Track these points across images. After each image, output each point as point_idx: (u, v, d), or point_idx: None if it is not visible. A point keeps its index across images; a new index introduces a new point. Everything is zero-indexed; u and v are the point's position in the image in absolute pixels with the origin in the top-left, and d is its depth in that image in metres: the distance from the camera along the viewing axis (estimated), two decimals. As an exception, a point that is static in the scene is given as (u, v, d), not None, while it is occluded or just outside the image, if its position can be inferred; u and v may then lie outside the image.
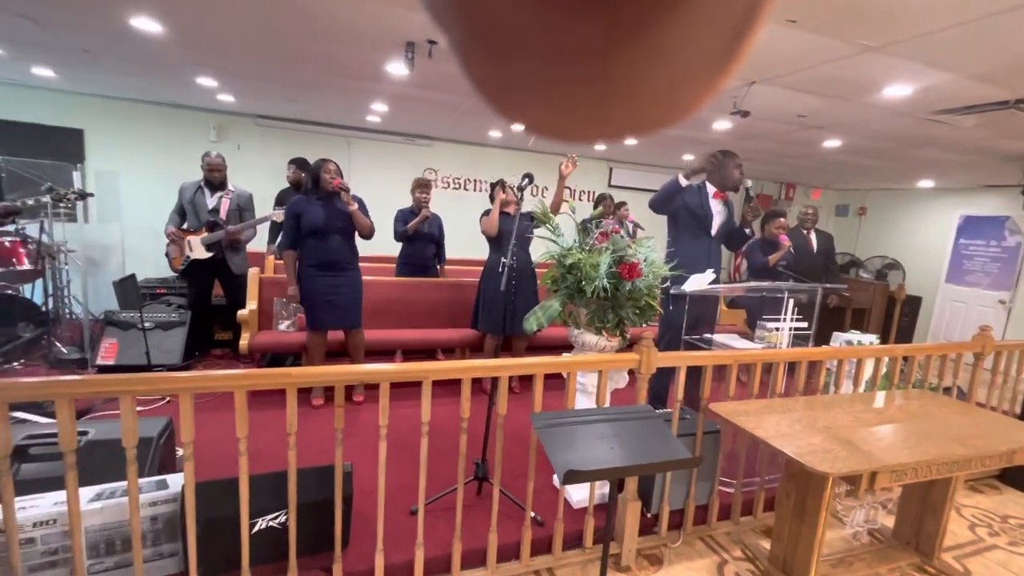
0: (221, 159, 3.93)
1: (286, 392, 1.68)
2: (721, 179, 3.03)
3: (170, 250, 3.91)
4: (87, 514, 1.66)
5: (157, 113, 5.31)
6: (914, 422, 2.19)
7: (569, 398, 2.07)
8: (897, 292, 6.43)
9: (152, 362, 3.61)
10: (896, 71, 2.54)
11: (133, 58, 3.47)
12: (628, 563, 2.22)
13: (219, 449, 2.66)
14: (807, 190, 8.66)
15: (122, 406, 1.48)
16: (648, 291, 2.25)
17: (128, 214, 5.25)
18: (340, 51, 3.02)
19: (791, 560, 2.14)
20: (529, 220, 3.26)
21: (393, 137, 6.08)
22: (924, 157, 4.90)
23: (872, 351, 2.73)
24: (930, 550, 2.34)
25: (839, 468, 1.73)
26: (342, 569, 1.84)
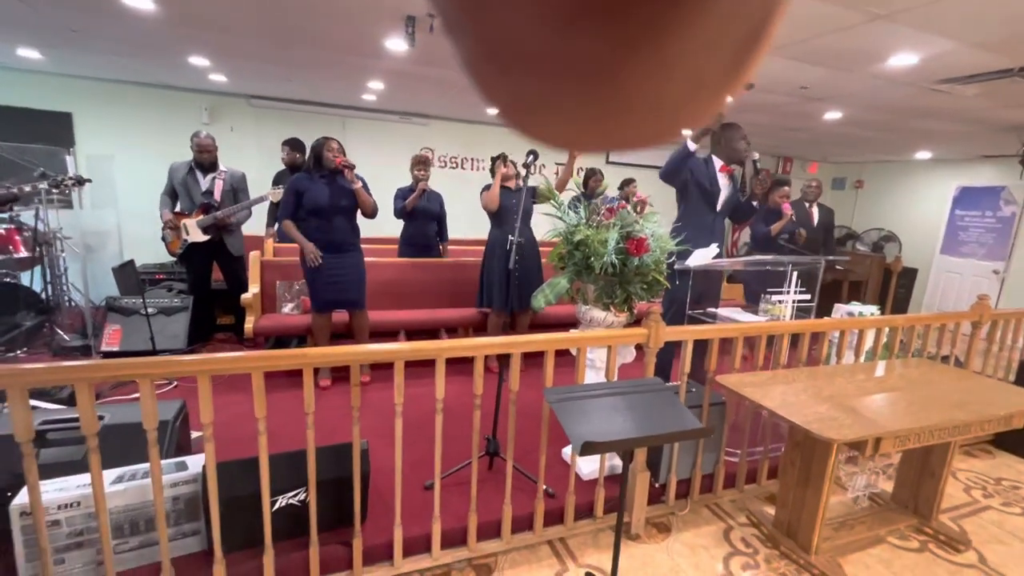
0: (211, 140, 3.86)
1: (302, 373, 1.69)
2: (727, 153, 3.02)
3: (166, 234, 3.87)
4: (110, 496, 1.68)
5: (147, 95, 5.19)
6: (915, 390, 2.24)
7: (579, 373, 2.10)
8: (893, 264, 6.49)
9: (157, 347, 3.61)
10: (903, 40, 2.51)
11: (123, 37, 3.38)
12: (638, 531, 2.28)
13: (231, 431, 2.69)
14: (804, 164, 8.64)
15: (142, 389, 1.49)
16: (655, 266, 2.27)
17: (122, 199, 5.18)
18: (337, 27, 2.95)
19: (796, 524, 2.21)
20: (533, 196, 3.25)
21: (389, 116, 5.99)
22: (923, 128, 4.89)
23: (874, 322, 2.78)
24: (928, 512, 2.43)
25: (845, 435, 1.78)
26: (362, 543, 1.88)
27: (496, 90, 0.17)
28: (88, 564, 1.72)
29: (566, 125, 0.17)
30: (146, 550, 1.80)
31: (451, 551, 2.04)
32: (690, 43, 0.14)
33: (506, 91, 0.17)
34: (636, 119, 0.16)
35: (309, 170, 3.16)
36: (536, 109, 0.17)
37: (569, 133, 0.18)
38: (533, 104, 0.17)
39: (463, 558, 2.04)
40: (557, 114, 0.17)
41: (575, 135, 0.18)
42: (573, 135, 0.18)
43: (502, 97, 0.17)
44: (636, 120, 0.16)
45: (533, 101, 0.17)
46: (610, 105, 0.16)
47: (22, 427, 1.40)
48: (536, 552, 2.13)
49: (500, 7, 0.14)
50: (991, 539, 2.39)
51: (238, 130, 5.55)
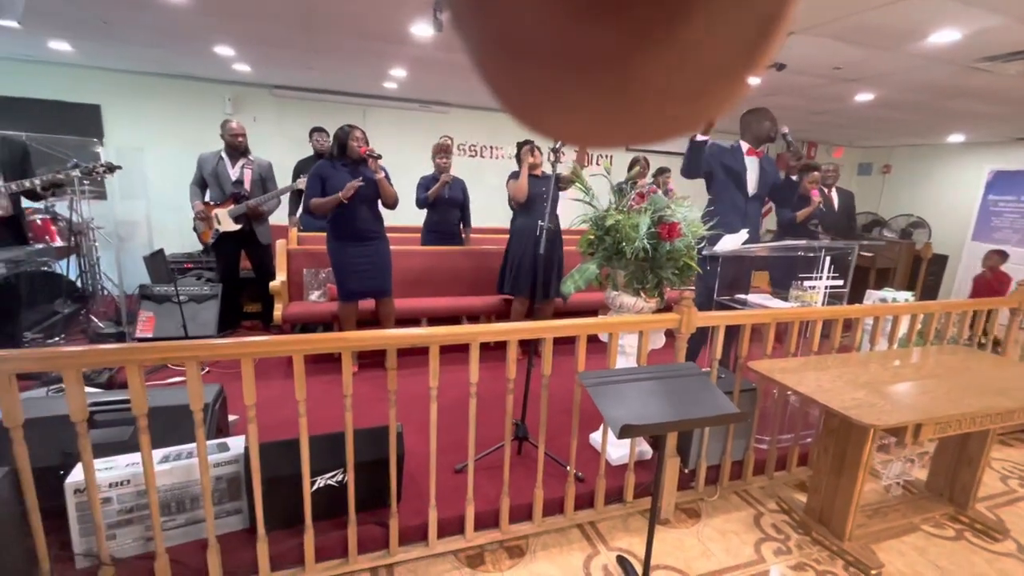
0: (242, 126, 3.91)
1: (326, 358, 1.72)
2: (754, 135, 2.98)
3: (198, 225, 3.94)
4: (158, 475, 1.73)
5: (173, 86, 5.26)
6: (953, 377, 2.19)
7: (611, 358, 2.09)
8: (923, 250, 6.32)
9: (189, 334, 3.69)
10: (945, 15, 2.42)
11: (153, 28, 3.42)
12: (668, 516, 2.29)
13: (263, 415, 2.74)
14: (829, 148, 8.43)
15: (188, 371, 1.53)
16: (687, 251, 2.24)
17: (151, 189, 5.28)
18: (364, 10, 2.94)
19: (828, 511, 2.19)
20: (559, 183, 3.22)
21: (409, 104, 5.98)
22: (958, 109, 4.73)
23: (909, 308, 2.72)
24: (964, 501, 2.39)
25: (884, 420, 1.76)
26: (398, 523, 1.92)
27: (505, 84, 0.17)
28: (138, 540, 1.78)
29: (577, 119, 0.17)
30: (191, 527, 1.86)
31: (484, 533, 2.07)
32: (702, 31, 0.13)
33: (515, 85, 0.17)
34: (649, 111, 0.16)
35: (332, 158, 3.17)
36: (546, 103, 0.17)
37: (581, 127, 0.17)
38: (543, 98, 0.16)
39: (495, 540, 2.07)
40: (568, 108, 0.16)
41: (587, 129, 0.17)
42: (585, 129, 0.17)
43: (511, 92, 0.17)
44: (649, 112, 0.16)
45: (543, 95, 0.16)
46: (622, 98, 0.15)
47: (77, 407, 1.45)
48: (567, 535, 2.15)
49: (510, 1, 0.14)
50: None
51: (261, 120, 5.60)
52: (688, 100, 0.16)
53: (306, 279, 3.80)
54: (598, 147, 0.19)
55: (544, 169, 3.52)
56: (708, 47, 0.14)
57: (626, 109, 0.16)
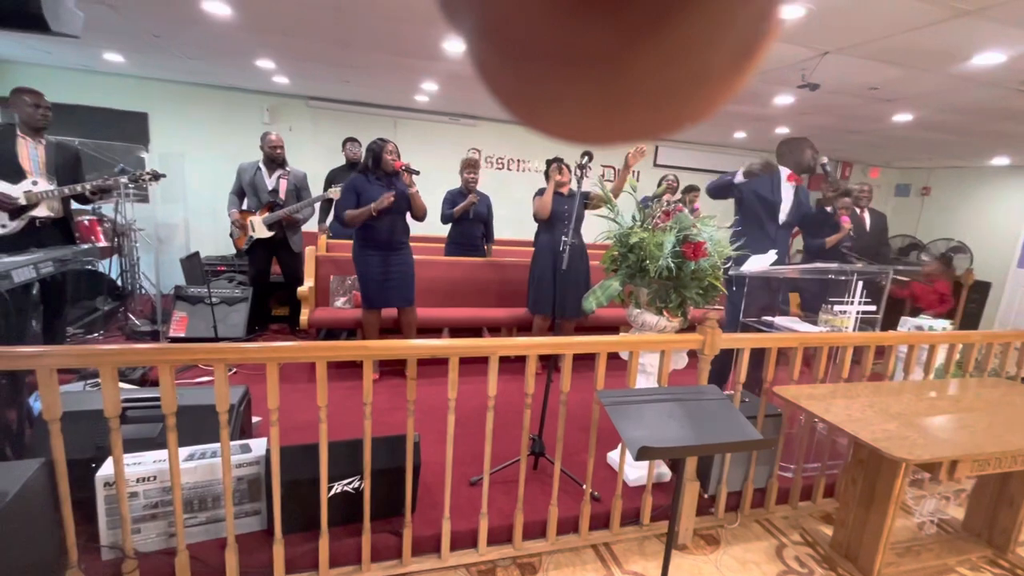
0: (281, 138, 4.06)
1: (348, 365, 1.74)
2: (796, 161, 2.92)
3: (234, 231, 4.08)
4: (183, 472, 1.78)
5: (214, 96, 5.50)
6: (995, 411, 2.09)
7: (631, 377, 2.07)
8: (964, 276, 6.06)
9: (219, 335, 3.81)
10: (990, 36, 2.35)
11: (200, 42, 3.59)
12: (685, 542, 2.23)
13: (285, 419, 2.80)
14: (865, 168, 8.22)
15: (216, 373, 1.58)
16: (712, 271, 2.21)
17: (191, 195, 5.49)
18: (398, 27, 3.03)
19: (856, 546, 2.10)
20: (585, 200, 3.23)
21: (438, 117, 6.10)
22: (1003, 131, 4.56)
23: (948, 336, 2.61)
24: (1004, 543, 2.26)
25: (918, 455, 1.68)
26: (411, 533, 1.92)
27: (502, 84, 0.17)
28: (161, 535, 1.83)
29: (573, 116, 0.17)
30: (212, 526, 1.90)
31: (497, 548, 2.06)
32: (694, 32, 0.14)
33: (511, 82, 0.17)
34: (643, 109, 0.16)
35: (366, 171, 3.25)
36: (542, 102, 0.17)
37: (576, 125, 0.17)
38: (538, 95, 0.17)
39: (508, 556, 2.05)
40: (563, 106, 0.16)
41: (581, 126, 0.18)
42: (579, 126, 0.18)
43: (508, 91, 0.17)
44: (643, 110, 0.16)
45: (538, 92, 0.16)
46: (616, 96, 0.15)
47: (111, 403, 1.51)
48: (580, 555, 2.12)
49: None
50: (1077, 578, 2.20)
51: (296, 130, 5.79)
52: (679, 99, 0.16)
53: (332, 285, 3.88)
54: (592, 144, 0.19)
55: (572, 186, 3.53)
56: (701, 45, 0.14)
57: (620, 106, 0.16)
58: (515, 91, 0.17)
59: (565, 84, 0.15)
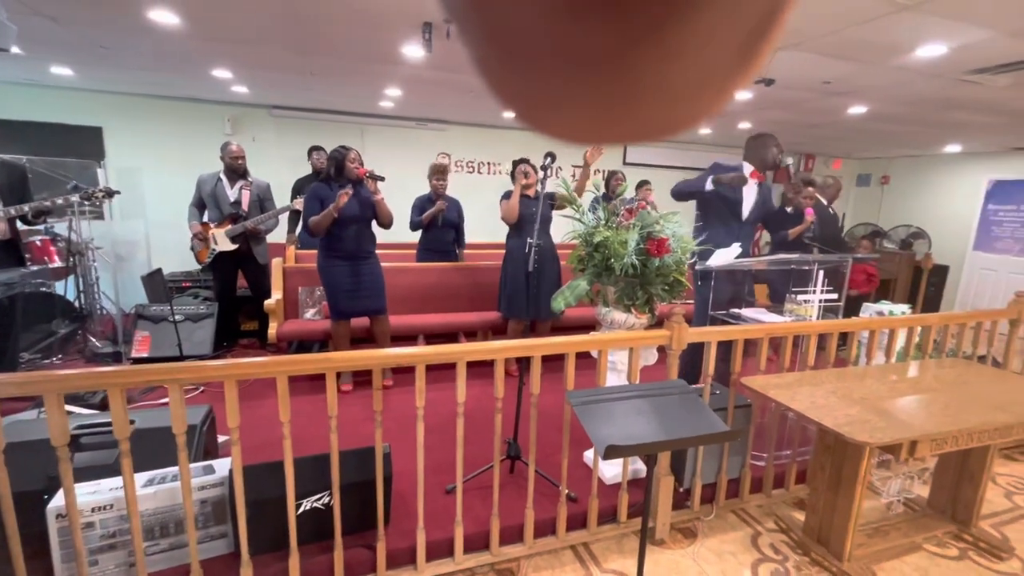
0: (242, 148, 3.97)
1: (322, 377, 1.71)
2: (760, 158, 2.96)
3: (195, 244, 3.97)
4: (141, 499, 1.71)
5: (172, 108, 5.35)
6: (951, 391, 2.16)
7: (601, 376, 2.07)
8: (924, 261, 6.28)
9: (184, 353, 3.69)
10: (931, 30, 2.44)
11: (150, 52, 3.49)
12: (663, 536, 2.24)
13: (256, 436, 2.73)
14: (827, 160, 8.45)
15: (171, 395, 1.53)
16: (677, 267, 2.23)
17: (150, 209, 5.33)
18: (355, 34, 2.99)
19: (827, 530, 2.15)
20: (551, 201, 3.23)
21: (406, 122, 6.05)
22: (953, 120, 4.74)
23: (906, 321, 2.69)
24: (967, 518, 2.33)
25: (878, 438, 1.73)
26: (385, 546, 1.89)
27: (505, 86, 0.17)
28: (120, 565, 1.76)
29: (576, 118, 0.17)
30: (175, 552, 1.83)
31: (474, 555, 2.04)
32: (697, 32, 0.14)
33: (515, 87, 0.17)
34: (646, 110, 0.16)
35: (328, 179, 3.19)
36: (546, 103, 0.17)
37: (579, 127, 0.18)
38: (543, 99, 0.17)
39: (486, 563, 2.03)
40: (567, 108, 0.16)
41: (585, 128, 0.18)
42: (583, 128, 0.18)
43: (512, 93, 0.17)
44: (646, 111, 0.16)
45: (542, 96, 0.16)
46: (619, 96, 0.15)
47: (58, 431, 1.45)
48: (559, 557, 2.11)
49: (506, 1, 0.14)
50: (1036, 547, 2.28)
51: (259, 140, 5.67)
52: (682, 100, 0.16)
53: (301, 297, 3.80)
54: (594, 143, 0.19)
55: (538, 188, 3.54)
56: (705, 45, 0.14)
57: (623, 107, 0.16)
58: (518, 92, 0.17)
59: (568, 85, 0.15)
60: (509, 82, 0.17)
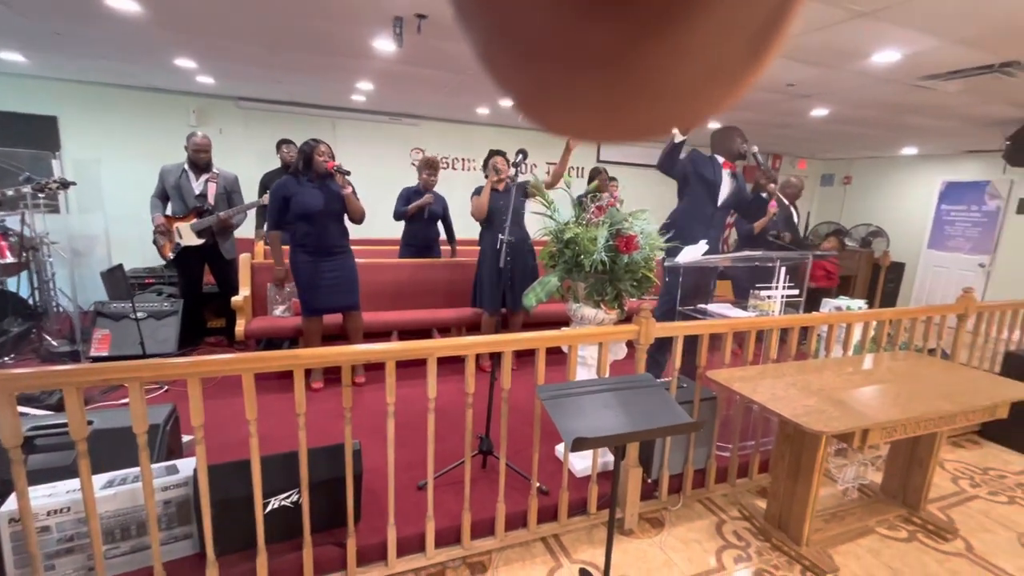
0: (207, 140, 3.84)
1: (292, 375, 1.69)
2: (726, 149, 3.11)
3: (158, 239, 3.84)
4: (100, 500, 1.67)
5: (133, 97, 5.15)
6: (902, 382, 2.27)
7: (571, 370, 2.11)
8: (881, 259, 6.56)
9: (147, 352, 3.58)
10: (886, 37, 2.55)
11: (108, 40, 3.35)
12: (631, 527, 2.30)
13: (223, 435, 2.68)
14: (793, 160, 8.71)
15: (131, 393, 1.49)
16: (645, 263, 2.28)
17: (110, 203, 5.13)
18: (324, 28, 2.94)
19: (787, 517, 2.23)
20: (523, 195, 3.26)
21: (379, 117, 5.97)
22: (908, 124, 4.95)
23: (862, 316, 2.81)
24: (916, 502, 2.46)
25: (833, 427, 1.80)
26: (355, 543, 1.88)
27: (511, 81, 0.17)
28: (79, 570, 1.71)
29: (582, 114, 0.17)
30: (138, 554, 1.79)
31: (445, 550, 2.05)
32: (705, 29, 0.14)
33: (521, 82, 0.17)
34: (654, 106, 0.16)
35: (296, 173, 3.13)
36: (552, 99, 0.17)
37: (585, 122, 0.18)
38: (548, 94, 0.17)
39: (457, 556, 2.05)
40: (573, 104, 0.16)
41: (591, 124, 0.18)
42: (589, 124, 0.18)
43: (517, 88, 0.17)
44: (652, 108, 0.16)
45: (548, 91, 0.16)
46: (626, 93, 0.15)
47: (10, 433, 1.39)
48: (530, 549, 2.14)
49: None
50: (978, 528, 2.42)
51: (227, 132, 5.52)
52: (692, 95, 0.16)
53: (270, 294, 3.73)
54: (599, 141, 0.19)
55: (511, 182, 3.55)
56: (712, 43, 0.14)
57: (629, 104, 0.16)
58: (526, 90, 0.17)
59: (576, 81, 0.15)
60: (516, 78, 0.17)
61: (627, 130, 0.18)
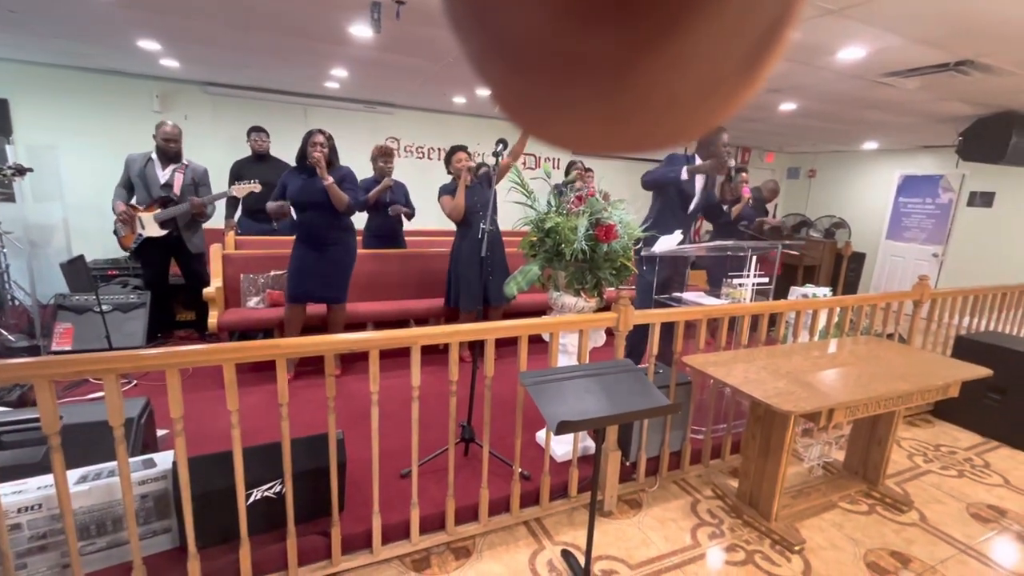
0: (178, 129, 3.71)
1: (265, 367, 1.67)
2: (708, 155, 3.17)
3: (119, 227, 3.70)
4: (75, 496, 1.62)
5: (92, 80, 4.91)
6: (863, 364, 2.40)
7: (552, 357, 2.15)
8: (844, 249, 6.82)
9: (113, 345, 3.46)
10: (851, 34, 2.65)
11: (66, 18, 3.19)
12: (611, 508, 2.37)
13: (199, 428, 2.63)
14: (761, 154, 8.95)
15: (106, 385, 1.45)
16: (624, 252, 2.33)
17: (68, 191, 4.90)
18: (298, 10, 2.87)
19: (757, 494, 2.34)
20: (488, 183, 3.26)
21: (353, 104, 5.86)
22: (871, 119, 5.16)
23: (826, 302, 2.94)
24: (875, 478, 2.61)
25: (801, 407, 1.90)
26: (340, 532, 1.89)
27: (506, 89, 0.17)
28: (53, 567, 1.66)
29: (578, 125, 0.17)
30: (115, 550, 1.75)
31: (430, 536, 2.07)
32: (704, 40, 0.13)
33: (516, 91, 0.17)
34: (651, 118, 0.16)
35: (298, 161, 3.18)
36: (547, 109, 0.17)
37: (582, 133, 0.17)
38: (544, 104, 0.16)
39: (442, 542, 2.08)
40: (569, 114, 0.16)
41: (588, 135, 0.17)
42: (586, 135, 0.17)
43: (512, 97, 0.17)
44: (651, 120, 0.16)
45: (544, 101, 0.16)
46: (623, 104, 0.15)
47: (-23, 428, 1.34)
48: (513, 533, 2.19)
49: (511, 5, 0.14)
50: (931, 500, 2.59)
51: (193, 119, 5.32)
52: (690, 107, 0.16)
53: (243, 285, 3.65)
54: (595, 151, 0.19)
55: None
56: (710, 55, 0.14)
57: (627, 115, 0.16)
58: (522, 100, 0.17)
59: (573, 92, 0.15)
60: (511, 87, 0.17)
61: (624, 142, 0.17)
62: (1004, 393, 3.19)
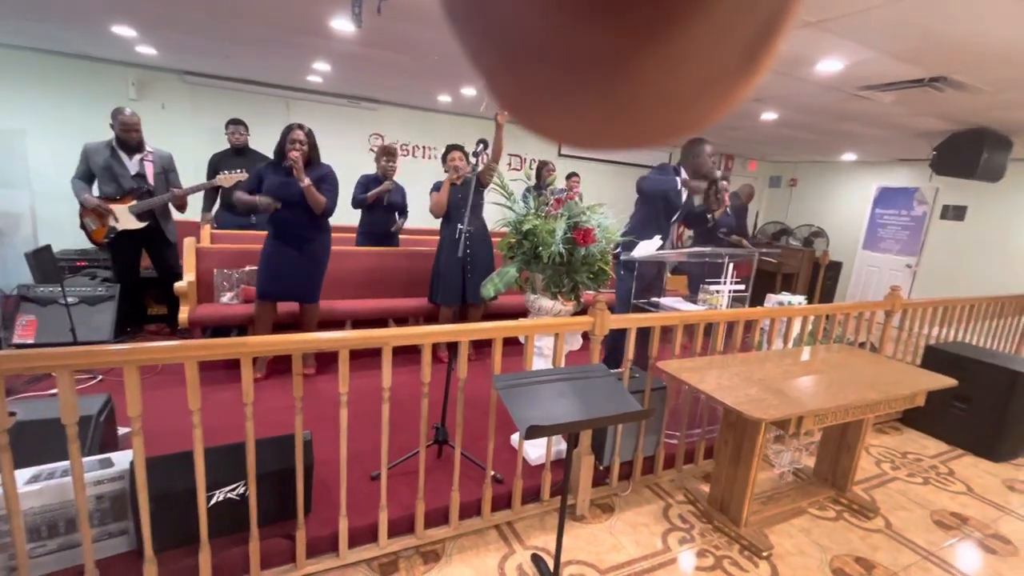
0: (137, 117, 3.56)
1: (239, 364, 1.63)
2: (695, 166, 3.20)
3: (88, 222, 3.57)
4: (24, 496, 1.56)
5: (65, 66, 4.76)
6: (834, 372, 2.43)
7: (527, 360, 2.13)
8: (821, 258, 6.95)
9: (79, 339, 3.35)
10: (830, 47, 2.69)
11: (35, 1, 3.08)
12: (583, 512, 2.36)
13: (163, 427, 2.55)
14: (744, 162, 9.07)
15: (60, 382, 1.39)
16: (601, 256, 2.33)
17: (36, 179, 4.74)
18: (278, 2, 2.81)
19: (728, 500, 2.36)
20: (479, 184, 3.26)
21: (336, 99, 5.78)
22: (848, 131, 5.26)
23: (801, 310, 2.98)
24: (844, 484, 2.65)
25: (772, 414, 1.91)
26: (305, 535, 1.85)
27: (504, 85, 0.17)
28: (0, 569, 1.59)
29: (576, 121, 0.17)
30: (67, 552, 1.69)
31: (398, 539, 2.04)
32: (701, 35, 0.13)
33: (514, 86, 0.16)
34: (648, 115, 0.16)
35: (276, 155, 3.10)
36: (545, 105, 0.16)
37: (579, 130, 0.17)
38: (542, 100, 0.16)
39: (411, 546, 2.05)
40: (567, 110, 0.16)
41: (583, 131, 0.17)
42: (579, 130, 0.17)
43: (510, 92, 0.17)
44: (648, 116, 0.16)
45: (542, 96, 0.16)
46: (621, 100, 0.15)
47: (-83, 424, 1.28)
48: (484, 536, 2.17)
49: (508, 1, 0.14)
50: (896, 506, 2.64)
51: (170, 108, 5.20)
52: (686, 104, 0.16)
53: (217, 280, 3.57)
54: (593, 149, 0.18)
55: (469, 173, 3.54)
56: (707, 51, 0.14)
57: (623, 112, 0.16)
58: (519, 95, 0.17)
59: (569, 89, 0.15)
60: (508, 83, 0.16)
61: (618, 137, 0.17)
62: (969, 402, 3.27)
